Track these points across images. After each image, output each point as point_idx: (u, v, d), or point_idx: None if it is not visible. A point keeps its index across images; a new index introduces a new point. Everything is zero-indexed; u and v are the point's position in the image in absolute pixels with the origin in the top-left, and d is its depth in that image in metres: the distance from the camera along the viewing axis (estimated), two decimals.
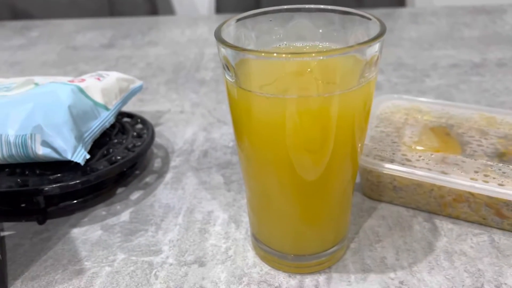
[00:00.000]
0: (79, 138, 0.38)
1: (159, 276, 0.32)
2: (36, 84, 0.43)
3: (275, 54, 0.23)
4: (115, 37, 0.85)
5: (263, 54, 0.24)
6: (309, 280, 0.31)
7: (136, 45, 0.80)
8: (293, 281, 0.31)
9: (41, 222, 0.38)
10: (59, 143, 0.36)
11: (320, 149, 0.27)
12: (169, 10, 1.25)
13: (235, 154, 0.46)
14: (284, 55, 0.23)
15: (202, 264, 0.33)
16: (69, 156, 0.36)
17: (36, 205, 0.37)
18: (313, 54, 0.23)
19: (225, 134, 0.50)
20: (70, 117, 0.37)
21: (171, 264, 0.33)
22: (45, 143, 0.36)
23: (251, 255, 0.33)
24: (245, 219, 0.37)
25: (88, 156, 0.37)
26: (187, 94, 0.61)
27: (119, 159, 0.39)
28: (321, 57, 0.24)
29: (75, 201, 0.38)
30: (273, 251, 0.32)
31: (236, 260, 0.33)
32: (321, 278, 0.31)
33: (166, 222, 0.37)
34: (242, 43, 0.29)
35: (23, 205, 0.38)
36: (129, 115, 0.48)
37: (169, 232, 0.36)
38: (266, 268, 0.32)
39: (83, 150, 0.37)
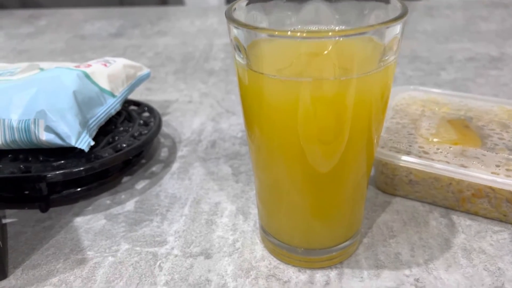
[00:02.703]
0: (84, 124, 0.37)
1: (163, 268, 0.31)
2: (41, 69, 0.42)
3: (289, 33, 0.22)
4: (123, 27, 0.83)
5: (276, 33, 0.23)
6: (319, 275, 0.30)
7: (145, 34, 0.79)
8: (303, 276, 0.30)
9: (43, 209, 0.37)
10: (62, 128, 0.35)
11: (334, 138, 0.25)
12: (179, 1, 1.24)
13: (244, 144, 0.45)
14: (299, 34, 0.22)
15: (208, 256, 0.32)
16: (72, 142, 0.34)
17: (39, 192, 0.36)
18: (330, 34, 0.22)
19: (233, 124, 0.49)
20: (75, 103, 0.36)
21: (176, 256, 0.32)
22: (48, 129, 0.35)
23: (259, 248, 0.32)
24: (254, 211, 0.36)
25: (92, 143, 0.35)
26: (196, 84, 0.59)
27: (125, 147, 0.38)
28: (339, 38, 0.22)
29: (78, 189, 0.37)
30: (283, 244, 0.30)
31: (244, 253, 0.32)
32: (332, 273, 0.30)
33: (172, 213, 0.36)
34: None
35: (26, 192, 0.37)
36: (136, 103, 0.47)
37: (174, 222, 0.35)
38: (275, 262, 0.31)
39: (87, 136, 0.36)
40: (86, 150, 0.35)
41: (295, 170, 0.27)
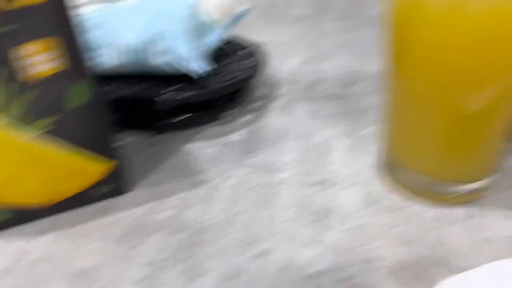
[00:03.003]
0: (196, 50, 0.36)
1: (282, 194, 0.30)
2: None
3: None
4: None
5: None
6: (449, 212, 0.28)
7: None
8: (432, 211, 0.28)
9: (156, 133, 0.37)
10: (181, 51, 0.34)
11: (500, 74, 0.23)
12: None
13: (346, 87, 0.43)
14: None
15: (326, 187, 0.31)
16: (191, 65, 0.34)
17: (151, 117, 0.36)
18: None
19: (330, 68, 0.47)
20: (190, 29, 0.36)
21: (293, 184, 0.31)
22: (165, 51, 0.34)
23: (381, 182, 0.31)
24: (370, 148, 0.34)
25: (207, 68, 0.35)
26: (283, 29, 0.58)
27: (233, 78, 0.37)
28: None
29: (187, 116, 0.37)
30: (414, 177, 0.29)
31: (365, 185, 0.31)
32: (463, 211, 0.28)
33: (282, 145, 0.35)
34: None
35: (138, 115, 0.37)
36: (231, 40, 0.46)
37: (286, 154, 0.34)
38: (400, 196, 0.30)
39: (201, 62, 0.35)
40: (201, 74, 0.34)
41: (442, 105, 0.25)
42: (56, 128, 0.26)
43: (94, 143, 0.28)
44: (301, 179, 0.32)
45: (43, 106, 0.25)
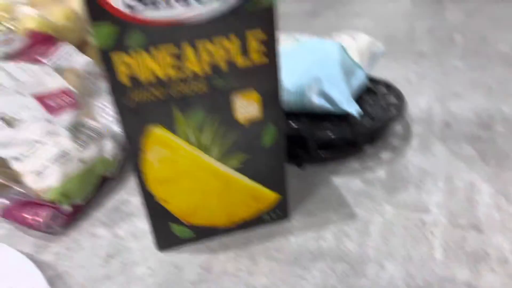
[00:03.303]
0: (347, 92, 0.39)
1: (435, 234, 0.32)
2: (297, 39, 0.46)
3: None
4: (316, 7, 0.87)
5: None
6: None
7: (340, 15, 0.81)
8: None
9: (301, 166, 0.41)
10: (336, 94, 0.38)
11: None
12: None
13: (484, 128, 0.44)
14: None
15: (479, 231, 0.32)
16: (345, 107, 0.37)
17: (303, 150, 0.40)
18: None
19: (464, 107, 0.48)
20: (342, 73, 0.39)
21: (445, 225, 0.33)
22: (321, 94, 0.38)
23: None
24: None
25: (360, 110, 0.38)
26: (409, 65, 0.60)
27: (381, 117, 0.40)
28: None
29: (331, 151, 0.41)
30: None
31: None
32: None
33: (426, 185, 0.37)
34: None
35: (292, 149, 0.41)
36: (370, 79, 0.49)
37: (432, 194, 0.36)
38: None
39: (355, 103, 0.38)
40: (356, 115, 0.38)
41: None
42: (246, 163, 0.31)
43: (271, 176, 0.32)
44: (450, 221, 0.33)
45: (240, 146, 0.30)
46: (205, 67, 0.26)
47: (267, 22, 0.26)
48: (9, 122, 0.36)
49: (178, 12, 0.24)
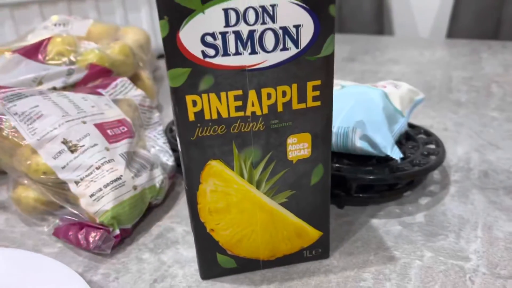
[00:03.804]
0: (389, 137, 0.41)
1: (475, 282, 0.33)
2: (342, 86, 0.48)
3: None
4: (354, 52, 0.90)
5: None
6: None
7: (377, 61, 0.84)
8: None
9: (341, 206, 0.42)
10: (379, 139, 0.39)
11: None
12: (390, 31, 1.27)
13: None
14: None
15: None
16: (388, 152, 0.39)
17: (342, 191, 0.41)
18: None
19: (501, 158, 0.49)
20: (384, 118, 0.41)
21: (484, 274, 0.33)
22: (364, 137, 0.40)
23: None
24: None
25: (401, 155, 0.40)
26: (446, 113, 0.61)
27: (421, 163, 0.41)
28: None
29: (372, 194, 0.42)
30: None
31: None
32: None
33: (465, 233, 0.38)
34: None
35: (333, 190, 0.42)
36: (410, 125, 0.50)
37: (471, 242, 0.37)
38: None
39: (397, 148, 0.40)
40: (398, 160, 0.39)
41: None
42: (292, 199, 0.32)
43: (315, 214, 0.33)
44: (490, 270, 0.34)
45: (288, 183, 0.31)
46: (264, 109, 0.28)
47: (325, 70, 0.28)
48: (72, 148, 0.39)
49: (246, 60, 0.26)
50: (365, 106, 0.42)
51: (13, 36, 0.77)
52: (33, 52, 0.54)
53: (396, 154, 0.39)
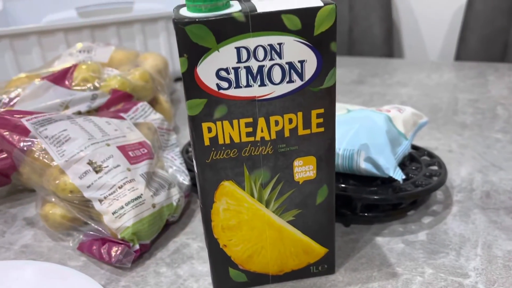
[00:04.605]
0: (393, 160, 0.43)
1: None
2: (348, 110, 0.51)
3: None
4: (362, 75, 0.92)
5: None
6: None
7: (386, 83, 0.86)
8: None
9: (347, 224, 0.44)
10: (382, 161, 0.42)
11: None
12: (400, 54, 1.30)
13: None
14: None
15: None
16: (391, 173, 0.41)
17: (348, 209, 0.44)
18: None
19: (504, 179, 0.51)
20: (388, 141, 0.44)
21: None
22: (368, 159, 0.43)
23: None
24: None
25: (404, 176, 0.42)
26: (451, 135, 0.63)
27: (423, 184, 0.44)
28: None
29: (376, 213, 0.44)
30: None
31: None
32: None
33: (466, 251, 0.40)
34: None
35: (338, 208, 0.45)
36: (414, 147, 0.53)
37: (471, 260, 0.39)
38: None
39: (399, 170, 0.42)
40: (401, 181, 0.41)
41: None
42: (299, 218, 0.35)
43: (321, 232, 0.36)
44: (488, 287, 0.35)
45: (295, 202, 0.34)
46: (272, 134, 0.31)
47: (327, 99, 0.31)
48: (96, 169, 0.42)
49: (256, 91, 0.30)
50: (369, 130, 0.44)
51: (40, 62, 0.82)
52: (60, 78, 0.58)
53: (398, 175, 0.41)
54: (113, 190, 0.42)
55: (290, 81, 0.30)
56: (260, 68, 0.29)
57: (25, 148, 0.44)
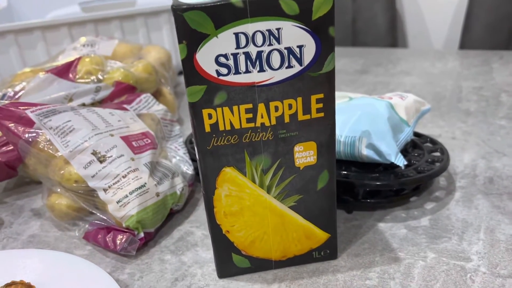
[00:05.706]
0: (394, 146, 0.43)
1: (475, 281, 0.35)
2: (350, 98, 0.51)
3: None
4: (366, 65, 0.92)
5: None
6: None
7: (389, 73, 0.86)
8: None
9: (349, 211, 0.44)
10: (384, 147, 0.42)
11: None
12: (404, 44, 1.29)
13: None
14: None
15: None
16: (392, 159, 0.41)
17: (350, 196, 0.44)
18: None
19: (507, 165, 0.51)
20: (389, 127, 0.44)
21: (484, 273, 0.35)
22: (370, 146, 0.43)
23: None
24: None
25: (405, 162, 0.42)
26: (455, 123, 0.63)
27: (425, 170, 0.44)
28: None
29: (378, 199, 0.44)
30: None
31: None
32: None
33: (468, 235, 0.40)
34: None
35: (341, 195, 0.45)
36: (417, 134, 0.53)
37: (473, 244, 0.39)
38: None
39: (401, 156, 0.42)
40: (403, 167, 0.41)
41: None
42: (301, 203, 0.35)
43: (323, 217, 0.36)
44: (491, 270, 0.36)
45: (296, 187, 0.34)
46: (272, 120, 0.31)
47: (327, 85, 0.31)
48: (100, 158, 0.43)
49: (255, 77, 0.30)
50: (370, 117, 0.44)
51: (45, 56, 0.83)
52: (64, 71, 0.59)
53: (400, 161, 0.41)
54: (117, 179, 0.42)
55: (289, 66, 0.30)
56: (259, 53, 0.29)
57: (30, 140, 0.44)
